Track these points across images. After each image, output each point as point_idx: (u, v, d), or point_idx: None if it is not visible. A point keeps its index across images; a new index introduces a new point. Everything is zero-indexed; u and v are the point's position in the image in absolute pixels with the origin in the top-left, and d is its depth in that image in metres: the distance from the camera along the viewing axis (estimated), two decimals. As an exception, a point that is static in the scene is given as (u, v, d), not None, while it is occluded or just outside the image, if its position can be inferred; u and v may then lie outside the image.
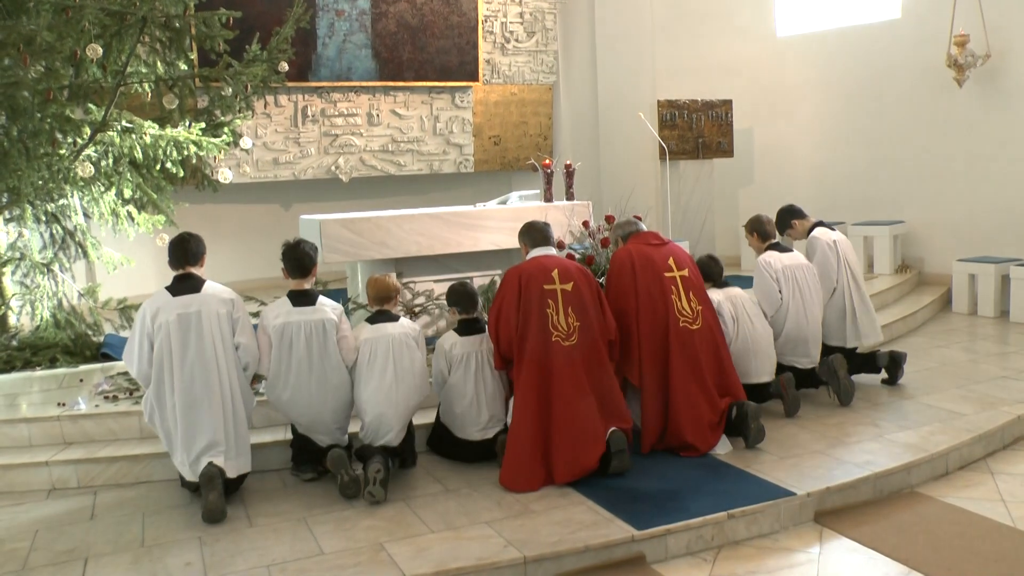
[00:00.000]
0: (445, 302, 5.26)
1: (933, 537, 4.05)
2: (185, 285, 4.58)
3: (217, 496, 4.26)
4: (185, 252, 4.64)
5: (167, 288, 4.59)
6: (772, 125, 6.51)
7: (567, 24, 11.46)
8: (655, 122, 9.59)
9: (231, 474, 4.43)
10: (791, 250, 5.98)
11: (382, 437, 4.65)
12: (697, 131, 9.89)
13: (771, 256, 5.87)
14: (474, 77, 10.59)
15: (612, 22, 11.31)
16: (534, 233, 5.09)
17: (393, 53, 10.08)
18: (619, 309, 5.06)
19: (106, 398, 5.46)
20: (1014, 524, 4.13)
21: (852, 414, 5.54)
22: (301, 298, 4.79)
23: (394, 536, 4.03)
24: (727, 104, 10.02)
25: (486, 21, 10.65)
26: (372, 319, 4.87)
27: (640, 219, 5.68)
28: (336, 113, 9.98)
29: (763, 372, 5.56)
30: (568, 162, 7.58)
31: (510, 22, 10.85)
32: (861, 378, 6.12)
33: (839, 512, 4.33)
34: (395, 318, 4.89)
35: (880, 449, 4.86)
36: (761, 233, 6.02)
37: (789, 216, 6.27)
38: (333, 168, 10.04)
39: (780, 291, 5.73)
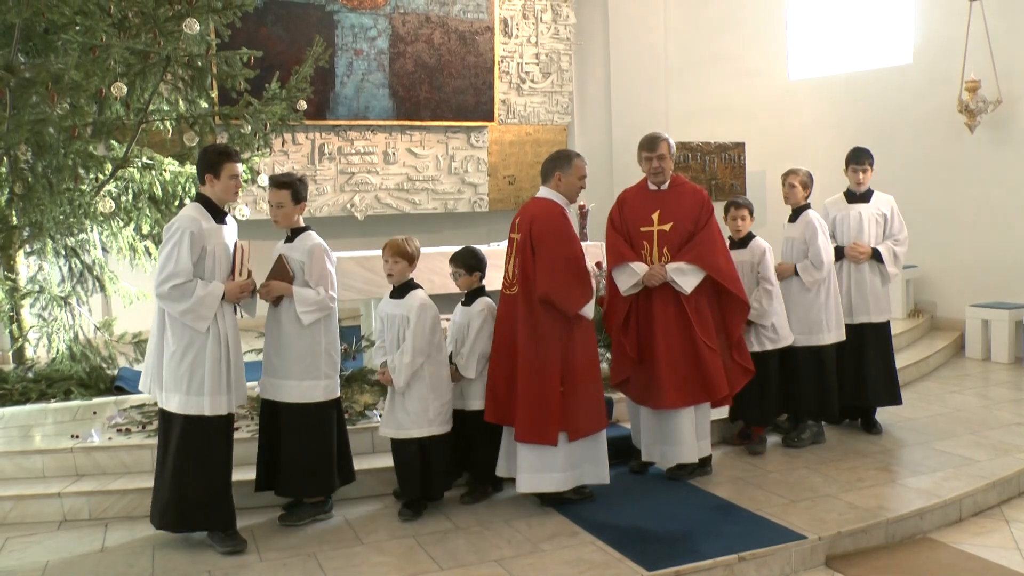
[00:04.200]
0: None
1: (946, 584, 4.02)
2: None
3: None
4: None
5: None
6: (785, 168, 6.56)
7: (582, 66, 11.61)
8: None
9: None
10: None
11: None
12: (710, 173, 9.96)
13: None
14: (490, 117, 10.72)
15: (627, 64, 11.46)
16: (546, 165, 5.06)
17: (410, 92, 10.22)
18: None
19: (119, 431, 5.49)
20: (1028, 572, 4.09)
21: (864, 459, 5.52)
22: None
23: (404, 573, 4.02)
24: (740, 147, 10.10)
25: (502, 62, 10.81)
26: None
27: None
28: (353, 151, 10.10)
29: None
30: (582, 203, 7.64)
31: (526, 63, 11.00)
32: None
33: (850, 557, 4.30)
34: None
35: (892, 494, 4.83)
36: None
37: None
38: (348, 206, 10.14)
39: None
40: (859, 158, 6.06)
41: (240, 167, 4.53)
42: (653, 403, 5.14)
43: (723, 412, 5.78)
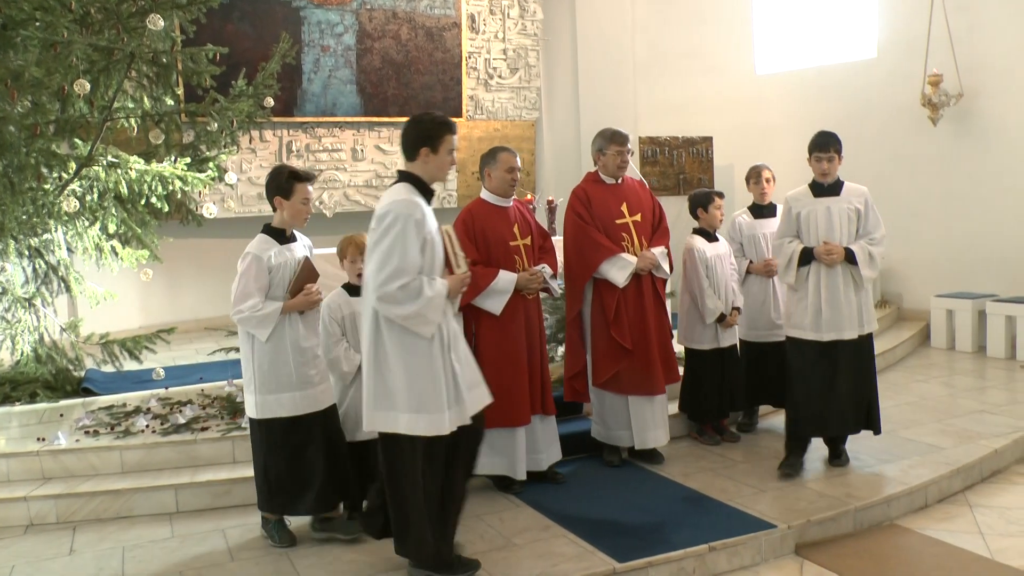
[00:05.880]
0: None
1: (912, 569, 4.08)
2: None
3: None
4: None
5: None
6: (752, 162, 6.64)
7: (550, 61, 11.62)
8: (637, 158, 9.70)
9: None
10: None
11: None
12: (678, 167, 10.01)
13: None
14: (458, 113, 10.70)
15: (594, 59, 11.48)
16: None
17: (378, 89, 10.19)
18: None
19: (87, 433, 5.43)
20: (991, 556, 4.17)
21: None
22: None
23: (376, 569, 4.02)
24: (708, 141, 10.16)
25: (470, 58, 10.79)
26: None
27: None
28: (321, 148, 10.05)
29: None
30: (550, 198, 7.66)
31: (493, 59, 11.00)
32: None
33: (819, 544, 4.35)
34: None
35: (860, 482, 4.90)
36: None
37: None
38: (317, 203, 10.08)
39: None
40: (824, 144, 5.08)
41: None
42: (649, 390, 5.26)
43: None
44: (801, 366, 5.09)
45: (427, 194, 3.80)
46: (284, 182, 4.27)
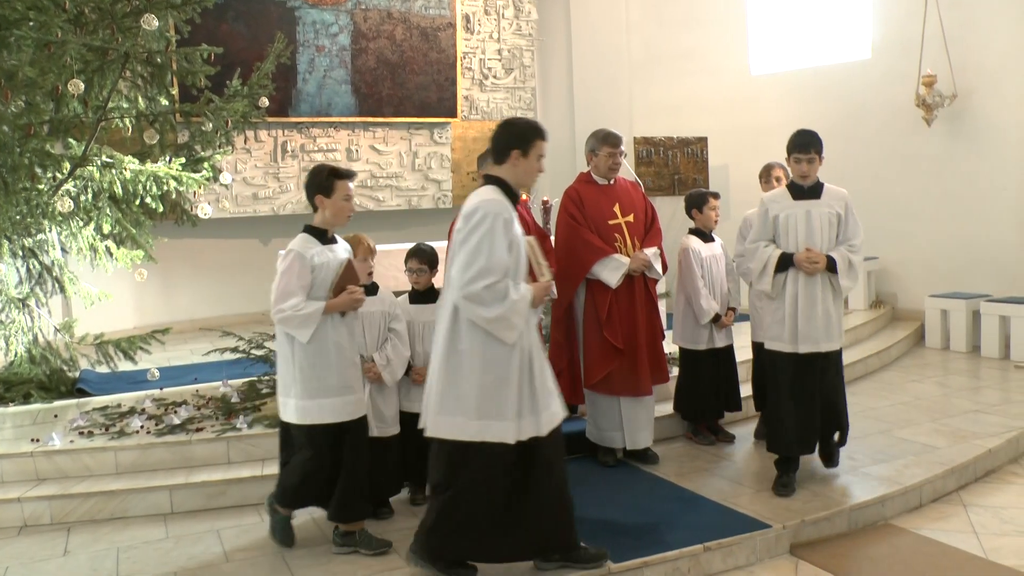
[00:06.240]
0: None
1: (907, 569, 4.09)
2: None
3: None
4: None
5: None
6: (747, 162, 6.67)
7: (544, 61, 11.63)
8: (632, 159, 9.71)
9: None
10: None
11: None
12: (673, 168, 10.03)
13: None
14: (453, 113, 10.71)
15: (589, 60, 11.50)
16: None
17: (373, 89, 10.18)
18: None
19: (81, 434, 5.42)
20: (986, 556, 4.18)
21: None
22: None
23: (372, 570, 4.01)
24: (702, 141, 10.18)
25: (465, 58, 10.79)
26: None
27: None
28: (315, 148, 10.04)
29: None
30: (545, 198, 7.65)
31: (488, 59, 11.00)
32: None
33: (814, 544, 4.36)
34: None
35: (855, 482, 4.91)
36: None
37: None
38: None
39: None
40: (804, 145, 4.77)
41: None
42: (635, 391, 5.27)
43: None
44: (782, 381, 4.86)
45: (513, 199, 3.70)
46: (324, 180, 4.17)
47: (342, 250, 4.31)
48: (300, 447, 4.17)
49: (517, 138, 3.68)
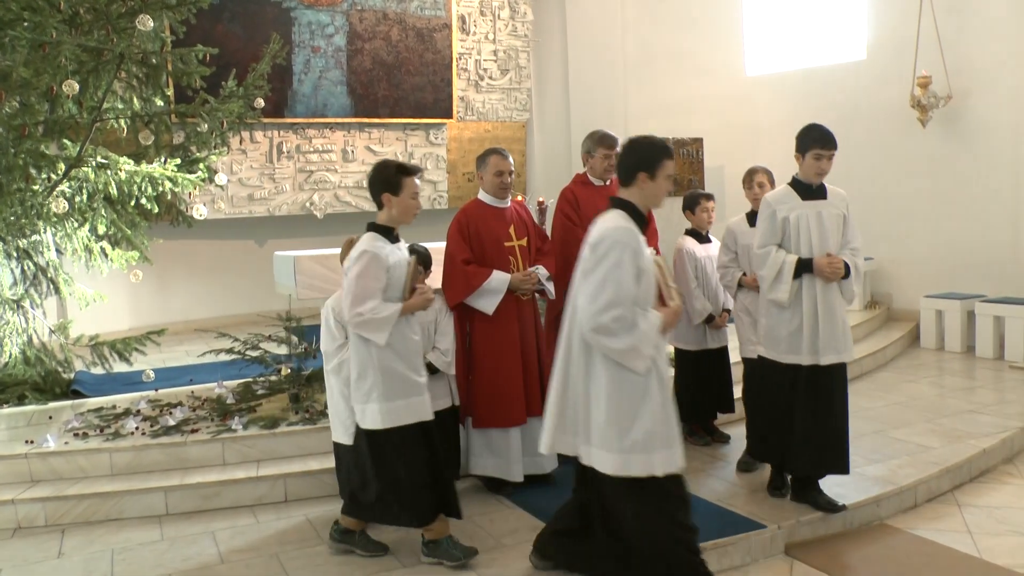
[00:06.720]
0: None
1: (901, 568, 4.09)
2: None
3: None
4: None
5: None
6: (742, 163, 6.67)
7: (540, 62, 11.64)
8: (627, 159, 9.70)
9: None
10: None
11: None
12: (669, 168, 10.02)
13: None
14: (448, 114, 10.71)
15: (585, 61, 11.51)
16: None
17: (368, 90, 10.18)
18: None
19: (76, 435, 5.40)
20: (980, 555, 4.19)
21: (822, 448, 5.60)
22: None
23: (367, 571, 4.01)
24: (698, 142, 10.18)
25: (460, 59, 10.80)
26: None
27: None
28: (311, 149, 10.04)
29: None
30: (541, 199, 7.66)
31: (484, 60, 11.00)
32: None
33: (809, 544, 4.36)
34: None
35: (850, 482, 4.90)
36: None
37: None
38: (308, 204, 10.07)
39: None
40: (828, 140, 4.50)
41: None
42: None
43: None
44: (800, 398, 4.52)
45: (640, 222, 3.57)
46: (392, 177, 4.05)
47: (405, 248, 4.22)
48: (374, 455, 4.00)
49: (643, 160, 3.55)
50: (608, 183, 5.45)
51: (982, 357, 8.31)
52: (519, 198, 7.51)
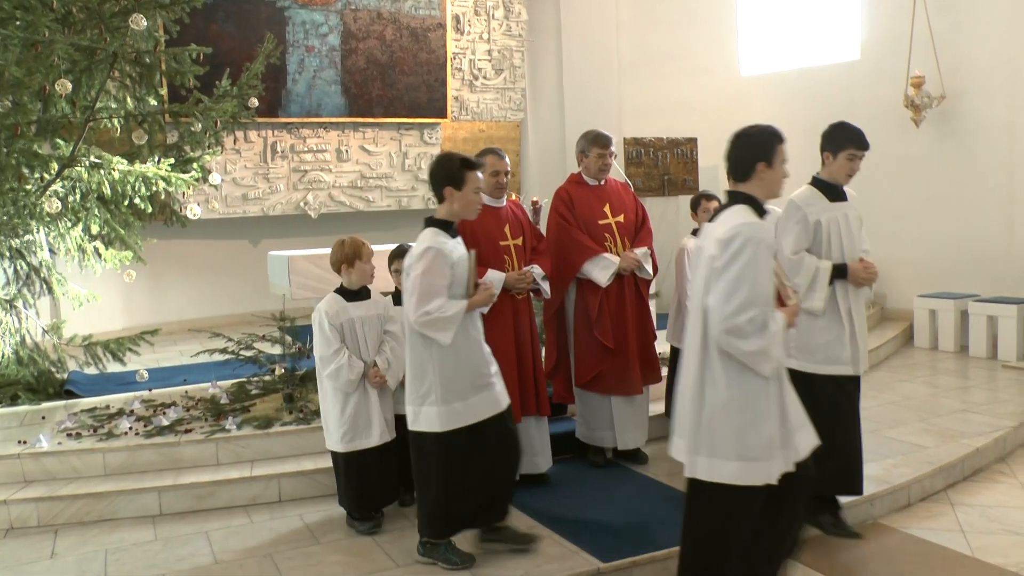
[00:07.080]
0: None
1: (895, 567, 4.10)
2: None
3: None
4: None
5: None
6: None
7: (535, 62, 11.63)
8: (621, 159, 9.72)
9: None
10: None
11: None
12: (663, 168, 10.03)
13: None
14: (443, 114, 10.70)
15: (579, 61, 11.50)
16: None
17: (363, 89, 10.16)
18: None
19: (69, 435, 5.39)
20: (972, 554, 4.20)
21: (816, 447, 5.61)
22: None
23: (360, 571, 4.01)
24: (692, 142, 10.18)
25: (455, 58, 10.79)
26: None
27: None
28: (305, 149, 10.02)
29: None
30: (535, 199, 7.66)
31: (478, 59, 11.00)
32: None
33: (803, 543, 4.36)
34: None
35: (843, 481, 4.92)
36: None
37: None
38: (302, 204, 10.05)
39: None
40: (863, 140, 4.34)
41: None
42: (627, 390, 5.28)
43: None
44: (846, 409, 4.34)
45: (763, 216, 3.35)
46: (456, 171, 3.90)
47: (463, 244, 4.09)
48: (434, 462, 3.91)
49: (759, 149, 3.36)
50: (603, 183, 5.45)
51: (975, 356, 8.33)
52: (513, 197, 7.50)
